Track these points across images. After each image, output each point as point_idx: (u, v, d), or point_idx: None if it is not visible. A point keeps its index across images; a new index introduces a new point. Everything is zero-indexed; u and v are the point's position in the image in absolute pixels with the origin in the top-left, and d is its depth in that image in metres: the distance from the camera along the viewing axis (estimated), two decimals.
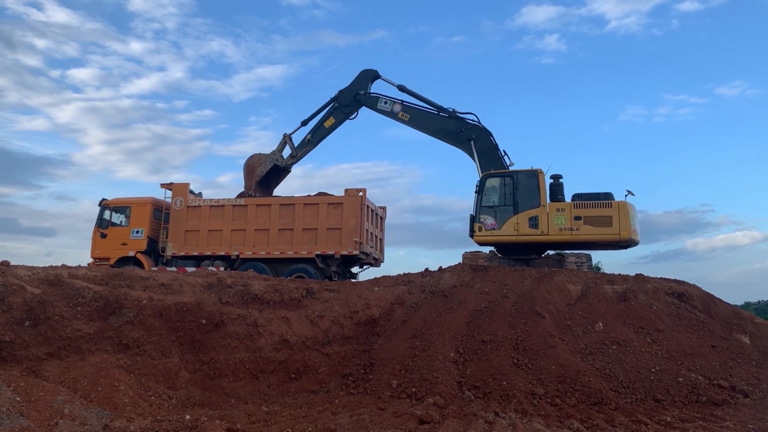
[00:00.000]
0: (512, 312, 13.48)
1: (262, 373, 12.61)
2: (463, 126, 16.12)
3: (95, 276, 12.90)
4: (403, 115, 17.97)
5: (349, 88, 19.79)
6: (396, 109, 18.04)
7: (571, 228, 16.72)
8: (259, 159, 21.43)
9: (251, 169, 21.33)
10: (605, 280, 15.36)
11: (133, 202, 21.24)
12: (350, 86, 19.79)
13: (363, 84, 19.43)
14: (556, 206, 17.01)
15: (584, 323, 12.99)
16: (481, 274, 16.01)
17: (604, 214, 16.63)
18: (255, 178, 21.16)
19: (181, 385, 11.71)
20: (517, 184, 17.07)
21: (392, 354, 12.08)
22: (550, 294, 14.23)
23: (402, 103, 18.23)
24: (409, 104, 18.26)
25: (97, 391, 9.97)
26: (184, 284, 13.27)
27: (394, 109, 18.13)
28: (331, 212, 19.60)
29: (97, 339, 11.44)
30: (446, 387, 10.83)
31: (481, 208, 16.97)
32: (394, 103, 18.19)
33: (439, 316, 13.60)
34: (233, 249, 19.92)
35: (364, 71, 19.48)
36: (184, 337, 12.33)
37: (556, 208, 16.96)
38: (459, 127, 16.02)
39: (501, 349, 12.00)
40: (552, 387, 10.80)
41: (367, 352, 12.95)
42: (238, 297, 13.67)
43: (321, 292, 14.54)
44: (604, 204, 16.76)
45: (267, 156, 21.46)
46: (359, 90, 19.21)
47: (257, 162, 21.38)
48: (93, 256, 20.81)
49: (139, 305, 12.05)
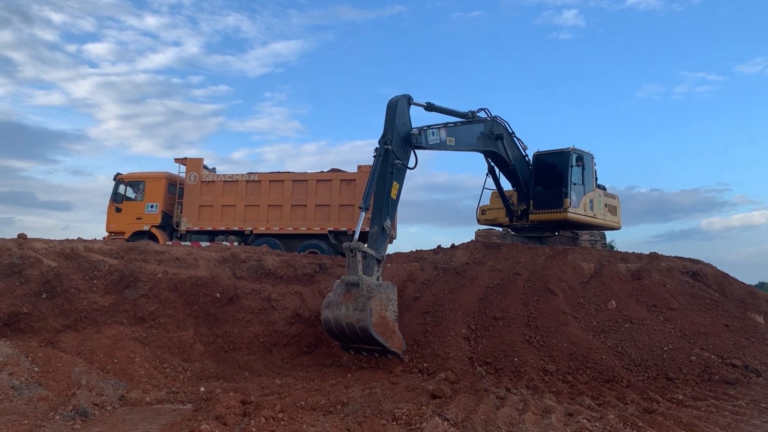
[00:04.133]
0: (525, 289, 13.47)
1: (276, 346, 12.74)
2: (490, 126, 15.78)
3: (110, 249, 13.03)
4: (450, 141, 14.73)
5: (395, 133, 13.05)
6: (443, 137, 14.47)
7: (605, 215, 17.74)
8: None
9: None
10: (619, 258, 15.29)
11: (148, 177, 21.31)
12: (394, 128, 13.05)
13: (407, 116, 13.47)
14: (599, 191, 17.82)
15: (597, 301, 12.96)
16: (493, 251, 15.99)
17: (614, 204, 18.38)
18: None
19: (196, 357, 11.86)
20: (586, 165, 17.25)
21: (404, 330, 12.12)
22: (564, 272, 14.19)
23: (446, 126, 14.73)
24: (451, 125, 14.95)
25: (113, 362, 10.13)
26: (198, 258, 13.38)
27: (441, 136, 14.41)
28: (344, 189, 19.57)
29: (113, 312, 11.59)
30: (458, 362, 10.88)
31: (572, 184, 16.83)
32: (440, 131, 14.45)
33: (451, 292, 13.63)
34: (247, 224, 19.99)
35: (400, 100, 13.28)
36: (199, 310, 12.46)
37: (598, 193, 17.72)
38: (490, 129, 15.68)
39: (513, 326, 12.02)
40: (564, 364, 10.81)
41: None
42: (252, 271, 13.77)
43: (334, 268, 14.61)
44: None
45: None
46: (408, 128, 13.30)
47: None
48: (108, 230, 20.97)
49: (154, 279, 12.17)
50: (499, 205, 18.12)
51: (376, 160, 12.52)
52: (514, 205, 17.78)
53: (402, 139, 12.93)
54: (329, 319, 11.23)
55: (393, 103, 12.97)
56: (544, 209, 16.94)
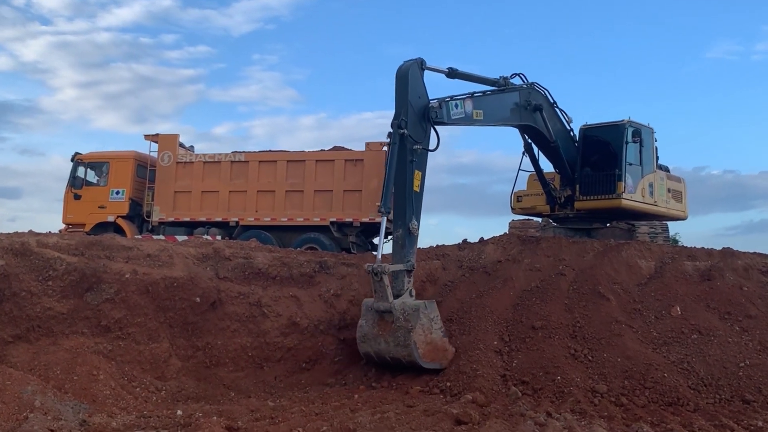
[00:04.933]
0: (569, 293, 13.41)
1: (268, 361, 12.76)
2: (526, 95, 15.52)
3: (69, 245, 13.07)
4: (477, 114, 14.43)
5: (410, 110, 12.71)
6: (469, 109, 14.14)
7: (667, 202, 17.51)
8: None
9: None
10: (685, 254, 15.17)
11: (113, 157, 21.40)
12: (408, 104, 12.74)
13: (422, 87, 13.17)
14: (660, 173, 17.49)
15: (658, 307, 12.87)
16: (531, 246, 15.92)
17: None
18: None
19: (172, 374, 11.89)
20: (645, 141, 17.06)
21: None
22: (617, 271, 14.11)
23: (472, 97, 14.35)
24: (478, 95, 14.66)
25: (72, 380, 10.16)
26: (174, 255, 13.40)
27: (467, 109, 14.08)
28: (349, 170, 19.57)
29: (72, 319, 11.63)
30: (488, 381, 10.84)
31: (627, 165, 16.69)
32: (465, 102, 14.09)
33: (480, 296, 13.59)
34: (232, 214, 20.04)
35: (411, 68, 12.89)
36: (175, 318, 12.49)
37: (661, 176, 17.44)
38: (526, 99, 15.43)
39: (555, 337, 11.97)
40: (617, 383, 10.75)
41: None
42: (238, 271, 13.78)
43: (337, 267, 14.59)
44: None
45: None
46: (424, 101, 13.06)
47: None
48: (65, 222, 21.11)
49: (120, 280, 12.20)
50: (539, 190, 18.02)
51: (391, 150, 12.39)
52: (556, 190, 17.66)
53: (418, 115, 12.71)
54: (370, 353, 12.01)
55: (403, 73, 12.70)
56: (593, 195, 16.82)
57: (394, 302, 11.48)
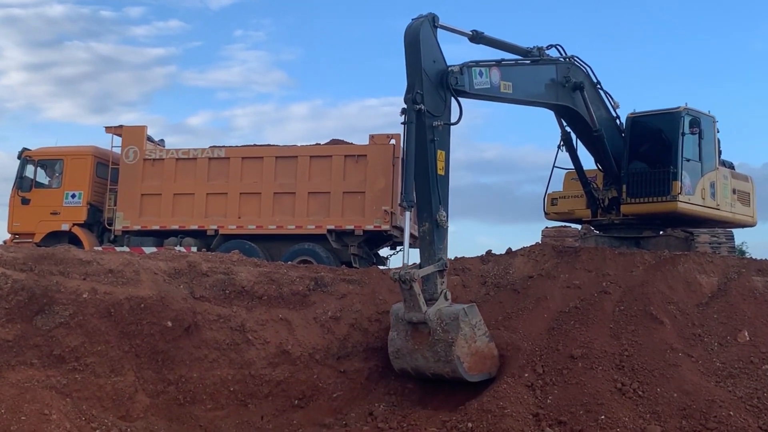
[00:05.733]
0: (615, 315, 13.40)
1: (253, 397, 12.76)
2: (564, 70, 15.41)
3: (15, 258, 13.11)
4: (505, 86, 14.38)
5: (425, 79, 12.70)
6: (495, 80, 14.08)
7: (732, 206, 17.42)
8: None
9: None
10: (753, 268, 15.15)
11: (68, 154, 21.48)
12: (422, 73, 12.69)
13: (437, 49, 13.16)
14: (724, 171, 17.42)
15: (722, 332, 12.88)
16: (569, 259, 15.90)
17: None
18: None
19: (138, 413, 11.90)
20: (705, 132, 16.96)
21: None
22: (672, 289, 14.09)
23: (499, 64, 14.32)
24: (507, 63, 14.71)
25: (19, 420, 10.19)
26: (140, 271, 13.43)
27: (493, 79, 14.05)
28: (350, 168, 19.61)
29: (19, 348, 11.64)
30: (518, 422, 10.86)
31: (683, 161, 16.65)
32: (490, 70, 14.03)
33: (508, 319, 13.64)
34: (210, 221, 20.08)
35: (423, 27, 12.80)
36: (142, 346, 12.50)
37: (724, 174, 17.35)
38: (565, 75, 15.32)
39: (598, 368, 11.97)
40: (673, 423, 10.76)
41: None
42: (217, 290, 13.79)
43: (335, 284, 14.60)
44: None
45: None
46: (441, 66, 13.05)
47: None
48: (11, 231, 21.18)
49: (77, 301, 12.21)
50: (578, 191, 17.97)
51: (407, 130, 12.42)
52: (599, 190, 17.60)
53: (435, 83, 12.75)
54: (406, 369, 12.47)
55: (413, 35, 12.67)
56: (643, 197, 16.79)
57: (428, 312, 11.61)
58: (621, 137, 17.14)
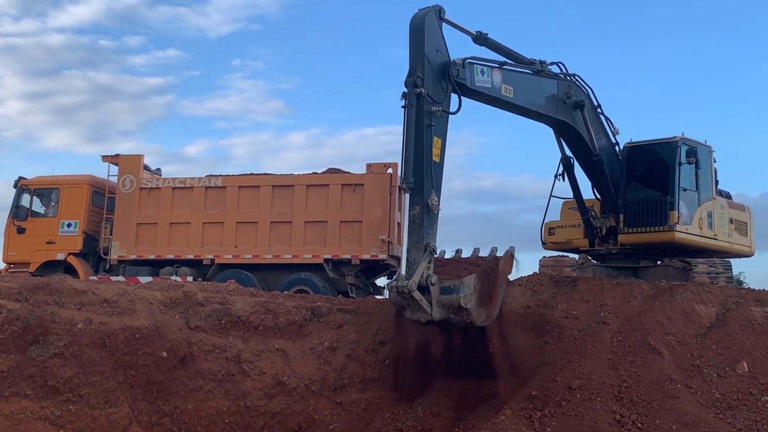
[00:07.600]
0: (613, 345, 13.37)
1: (249, 429, 12.72)
2: (566, 87, 15.50)
3: (9, 288, 13.09)
4: (506, 90, 14.32)
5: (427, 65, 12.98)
6: (497, 81, 14.06)
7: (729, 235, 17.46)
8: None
9: None
10: (752, 298, 15.14)
11: (64, 183, 21.53)
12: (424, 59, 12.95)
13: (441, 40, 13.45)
14: (721, 201, 17.48)
15: (721, 363, 12.86)
16: (567, 289, 15.89)
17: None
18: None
19: None
20: (702, 161, 16.99)
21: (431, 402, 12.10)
22: (670, 319, 14.08)
23: (501, 67, 14.35)
24: (509, 68, 14.67)
25: None
26: (136, 301, 13.41)
27: (494, 80, 14.04)
28: (347, 197, 19.68)
29: (13, 378, 11.62)
30: None
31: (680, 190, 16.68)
32: (492, 71, 14.07)
33: None
34: (206, 250, 20.09)
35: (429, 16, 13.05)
36: (137, 376, 12.47)
37: (721, 204, 17.40)
38: (566, 92, 15.41)
39: (596, 400, 11.94)
40: None
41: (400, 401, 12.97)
42: (213, 320, 13.78)
43: (332, 314, 14.58)
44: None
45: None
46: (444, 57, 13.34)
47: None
48: (6, 260, 21.17)
49: (72, 331, 12.19)
50: (575, 220, 17.99)
51: (407, 113, 12.61)
52: (597, 218, 17.65)
53: (437, 72, 12.97)
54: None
55: (418, 22, 12.92)
56: (640, 227, 16.82)
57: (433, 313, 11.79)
58: (619, 165, 17.20)
